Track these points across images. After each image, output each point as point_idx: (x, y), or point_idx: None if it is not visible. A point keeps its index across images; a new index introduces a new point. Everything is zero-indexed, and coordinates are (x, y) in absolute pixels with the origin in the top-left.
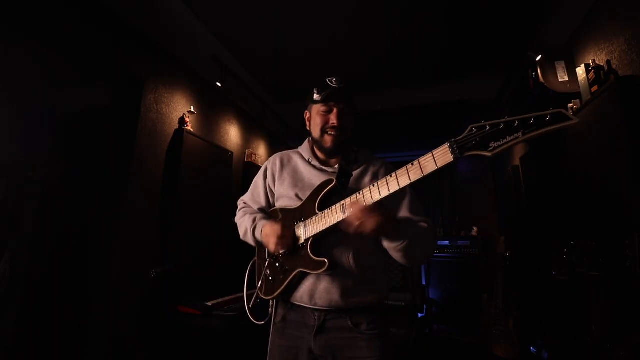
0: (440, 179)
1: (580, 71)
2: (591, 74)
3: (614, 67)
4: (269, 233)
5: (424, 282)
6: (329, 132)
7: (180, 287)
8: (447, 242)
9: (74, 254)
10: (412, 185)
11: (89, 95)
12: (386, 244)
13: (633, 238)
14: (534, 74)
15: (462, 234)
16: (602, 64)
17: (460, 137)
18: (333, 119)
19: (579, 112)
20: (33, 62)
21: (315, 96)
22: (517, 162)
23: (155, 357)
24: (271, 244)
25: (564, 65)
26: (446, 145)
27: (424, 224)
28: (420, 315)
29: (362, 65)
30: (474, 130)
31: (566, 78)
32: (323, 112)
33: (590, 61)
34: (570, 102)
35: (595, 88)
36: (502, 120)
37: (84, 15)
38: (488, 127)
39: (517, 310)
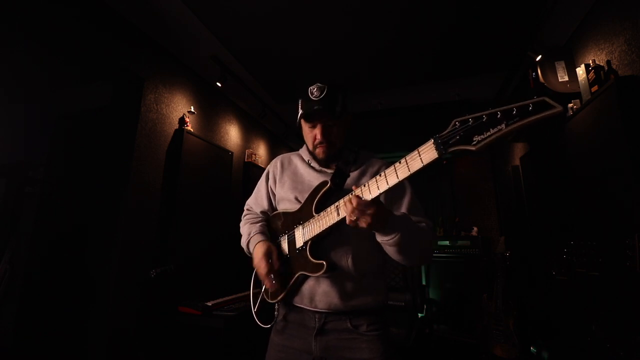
0: (441, 179)
1: (580, 71)
2: (591, 74)
3: (614, 67)
4: (256, 264)
5: (424, 282)
6: (318, 146)
7: (180, 287)
8: (447, 242)
9: (74, 254)
10: (412, 185)
11: (89, 95)
12: (379, 238)
13: (633, 238)
14: (534, 74)
15: (462, 234)
16: (602, 64)
17: (445, 132)
18: (318, 135)
19: (579, 112)
20: (33, 62)
21: (300, 110)
22: (517, 162)
23: (155, 357)
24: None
25: (564, 65)
26: (431, 142)
27: (422, 224)
28: (420, 315)
29: (362, 65)
30: (457, 124)
31: (566, 78)
32: (309, 127)
33: (590, 61)
34: (570, 102)
35: (595, 88)
36: (485, 112)
37: (84, 15)
38: (471, 121)
39: (517, 310)
